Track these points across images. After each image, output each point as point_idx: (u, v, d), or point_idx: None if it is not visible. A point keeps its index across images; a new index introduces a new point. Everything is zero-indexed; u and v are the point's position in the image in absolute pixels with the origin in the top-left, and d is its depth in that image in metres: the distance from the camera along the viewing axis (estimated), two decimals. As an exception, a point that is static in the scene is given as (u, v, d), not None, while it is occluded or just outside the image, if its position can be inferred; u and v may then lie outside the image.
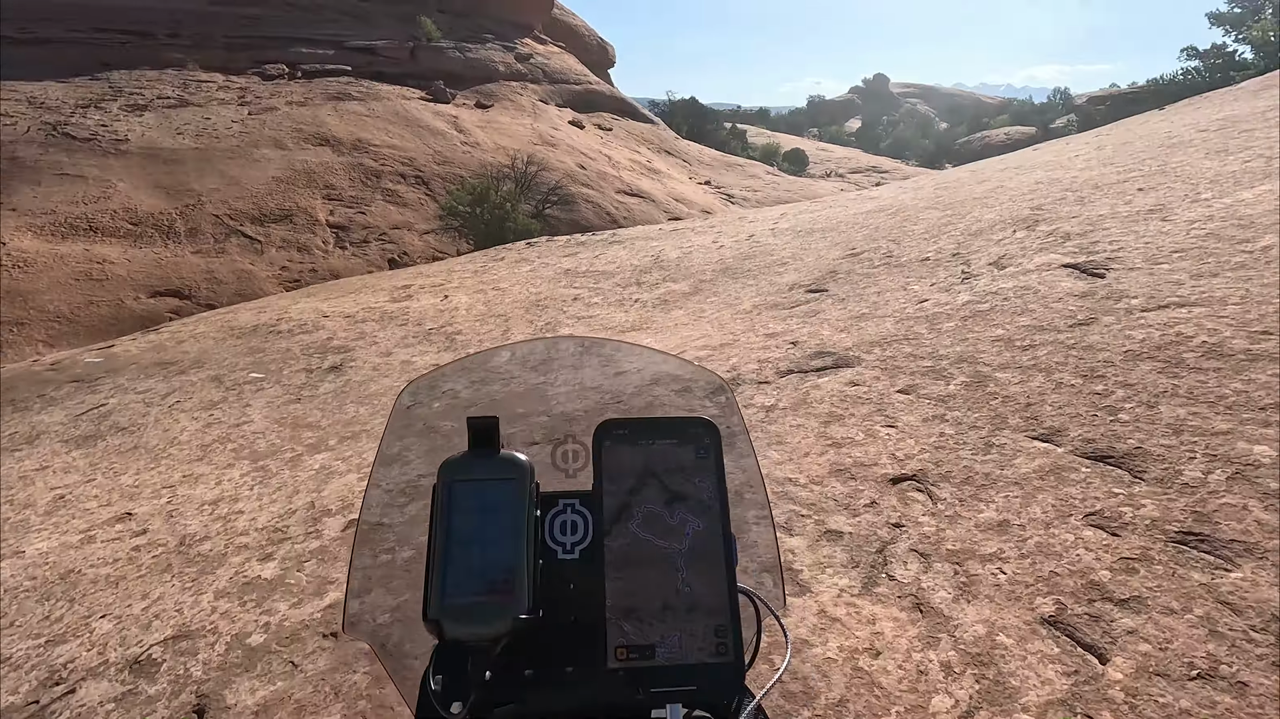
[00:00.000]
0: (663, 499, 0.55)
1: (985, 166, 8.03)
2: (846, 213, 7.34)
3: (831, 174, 40.76)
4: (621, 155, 28.10)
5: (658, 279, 6.55)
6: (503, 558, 0.53)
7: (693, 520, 0.54)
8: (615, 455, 0.56)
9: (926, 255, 4.59)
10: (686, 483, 0.56)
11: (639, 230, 9.59)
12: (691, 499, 0.55)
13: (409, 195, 19.53)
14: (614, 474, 0.55)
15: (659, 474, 0.56)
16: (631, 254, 7.86)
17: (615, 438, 0.56)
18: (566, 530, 0.60)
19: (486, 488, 0.55)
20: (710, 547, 0.54)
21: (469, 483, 0.55)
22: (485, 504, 0.54)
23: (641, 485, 0.55)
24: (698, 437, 0.57)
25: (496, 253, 10.22)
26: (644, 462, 0.56)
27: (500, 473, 0.56)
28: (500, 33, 34.19)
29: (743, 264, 6.34)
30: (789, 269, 5.66)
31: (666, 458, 0.56)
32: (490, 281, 7.92)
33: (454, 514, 0.54)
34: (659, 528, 0.54)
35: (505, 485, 0.55)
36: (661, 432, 0.57)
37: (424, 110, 24.75)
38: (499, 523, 0.54)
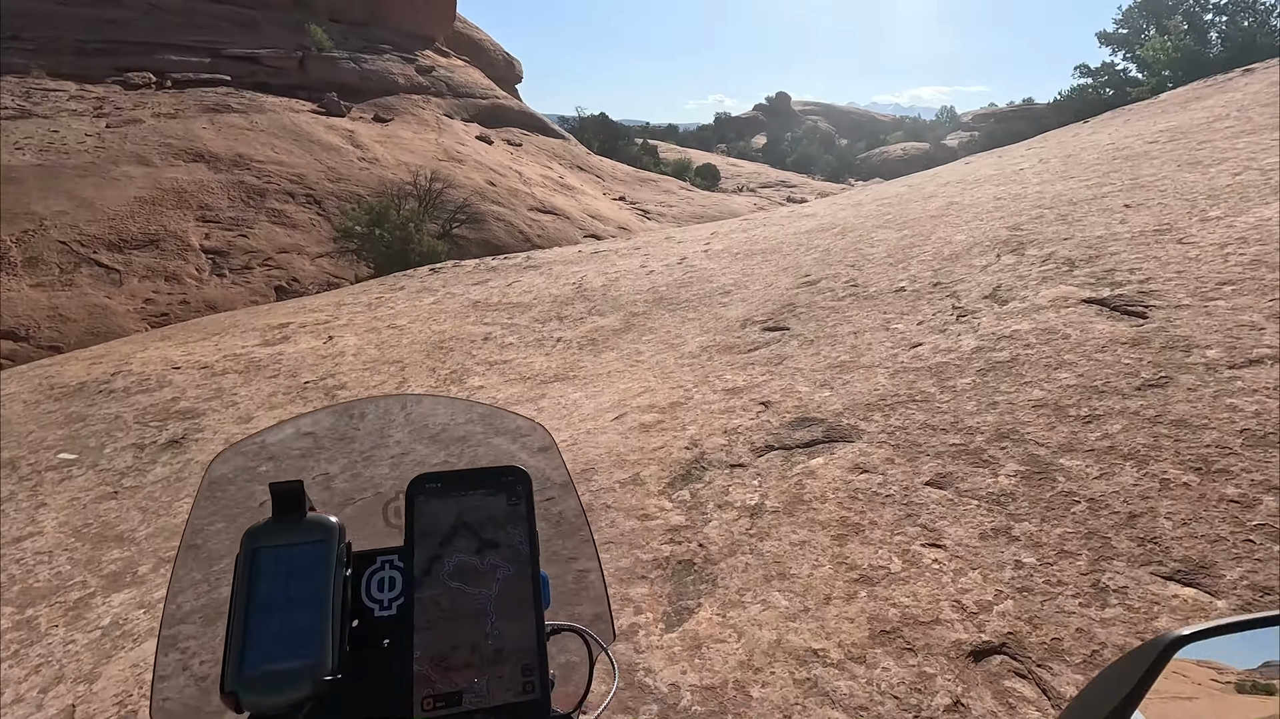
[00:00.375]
0: (474, 548, 0.55)
1: (922, 181, 7.66)
2: (785, 232, 6.72)
3: (743, 189, 41.14)
4: (533, 171, 27.11)
5: (582, 312, 5.67)
6: (304, 621, 0.51)
7: (504, 566, 0.55)
8: (428, 509, 0.56)
9: (900, 285, 3.94)
10: (498, 531, 0.56)
11: (557, 253, 8.69)
12: (503, 546, 0.56)
13: (299, 216, 17.82)
14: (426, 528, 0.56)
15: (471, 524, 0.56)
16: (550, 281, 6.95)
17: (428, 492, 0.57)
18: (384, 587, 0.58)
19: (291, 552, 0.54)
20: (520, 591, 0.55)
21: (272, 549, 0.54)
22: (290, 569, 0.53)
23: (453, 536, 0.55)
24: (510, 485, 0.58)
25: (395, 281, 9.05)
26: (456, 513, 0.56)
27: (306, 537, 0.55)
28: (399, 44, 32.56)
29: (678, 293, 5.56)
30: (734, 300, 4.92)
31: (479, 508, 0.57)
32: (386, 317, 6.82)
33: (255, 582, 0.52)
34: (470, 577, 0.54)
35: (311, 549, 0.54)
36: (474, 482, 0.58)
37: (315, 124, 22.94)
38: (303, 587, 0.52)
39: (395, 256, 15.21)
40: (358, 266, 16.44)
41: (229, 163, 18.67)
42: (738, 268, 5.82)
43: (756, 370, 3.44)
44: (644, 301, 5.56)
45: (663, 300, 5.49)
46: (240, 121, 21.11)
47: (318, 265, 16.62)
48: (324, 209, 18.42)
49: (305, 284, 16.02)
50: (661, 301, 5.47)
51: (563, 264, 7.73)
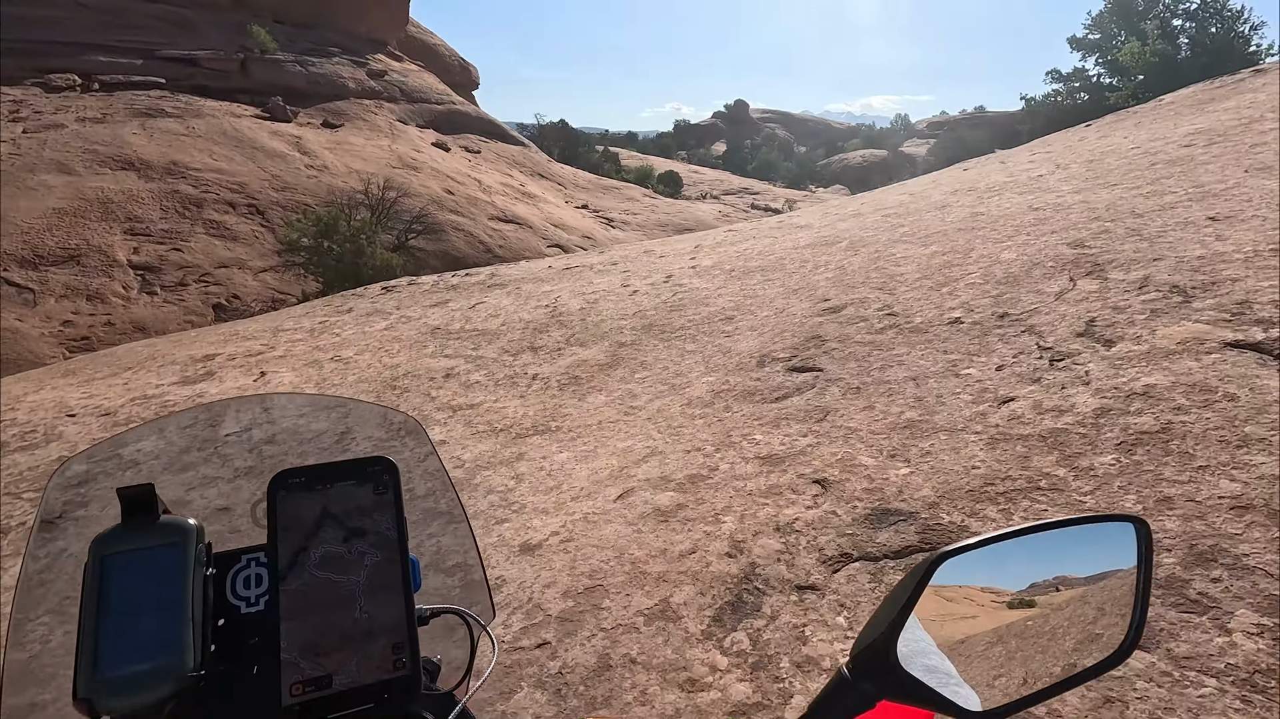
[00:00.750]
0: (341, 537, 0.55)
1: (923, 189, 7.09)
2: (780, 246, 6.05)
3: (707, 196, 40.78)
4: (493, 179, 26.16)
5: (559, 341, 4.90)
6: (162, 623, 0.50)
7: (371, 553, 0.55)
8: (291, 504, 0.56)
9: (953, 315, 3.28)
10: (365, 519, 0.56)
11: (525, 269, 7.88)
12: (370, 533, 0.56)
13: (240, 227, 16.60)
14: (289, 522, 0.55)
15: (337, 515, 0.56)
16: (520, 303, 6.15)
17: (290, 487, 0.56)
18: (250, 584, 0.59)
19: (144, 556, 0.52)
20: (389, 575, 0.55)
21: (123, 554, 0.52)
22: (144, 573, 0.52)
23: (319, 528, 0.55)
24: (377, 474, 0.58)
25: (343, 302, 8.12)
26: (322, 505, 0.56)
27: (160, 539, 0.53)
28: (349, 47, 31.28)
29: (671, 318, 4.83)
30: (741, 328, 4.21)
31: (345, 499, 0.57)
32: (330, 347, 5.93)
33: (106, 588, 0.51)
34: (337, 565, 0.54)
35: (166, 551, 0.53)
36: (340, 474, 0.57)
37: (259, 129, 21.64)
38: (159, 589, 0.51)
39: (346, 271, 14.15)
40: (305, 282, 15.31)
41: (162, 171, 17.32)
42: (735, 288, 5.12)
43: (794, 429, 2.72)
44: (631, 329, 4.82)
45: (653, 327, 4.75)
46: (175, 126, 19.72)
47: (261, 281, 15.44)
48: (268, 220, 17.21)
49: (247, 301, 14.83)
50: (652, 329, 4.73)
51: (532, 282, 6.94)
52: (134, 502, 0.54)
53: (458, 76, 42.67)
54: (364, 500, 0.57)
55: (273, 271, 15.60)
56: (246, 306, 14.76)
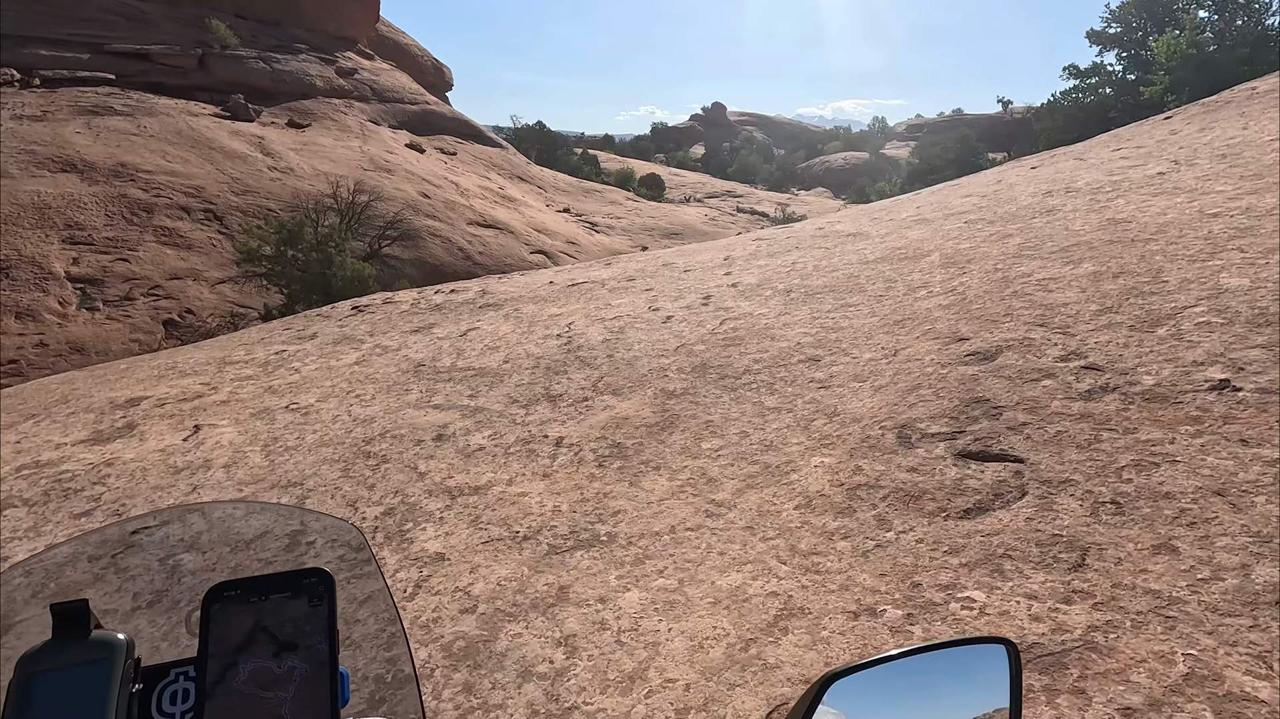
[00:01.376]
0: (271, 652, 0.54)
1: (990, 188, 6.05)
2: (842, 259, 5.01)
3: (691, 199, 39.84)
4: (470, 182, 24.89)
5: (583, 386, 3.78)
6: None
7: (301, 667, 0.53)
8: (224, 617, 0.54)
9: (1211, 376, 2.23)
10: (297, 632, 0.55)
11: (521, 285, 6.73)
12: (302, 647, 0.54)
13: (195, 235, 15.17)
14: (220, 635, 0.54)
15: (270, 628, 0.55)
16: (523, 330, 5.02)
17: (225, 600, 0.55)
18: (177, 700, 0.59)
19: (72, 675, 0.51)
20: (317, 690, 0.53)
21: (50, 672, 0.51)
22: (68, 692, 0.50)
23: (250, 642, 0.54)
24: (312, 586, 0.56)
25: (306, 324, 6.90)
26: (254, 618, 0.55)
27: (89, 655, 0.52)
28: (317, 45, 29.77)
29: (728, 356, 3.75)
30: (841, 377, 3.14)
31: (278, 611, 0.55)
32: (286, 388, 4.75)
33: (29, 708, 0.49)
34: (265, 680, 0.53)
35: (94, 668, 0.52)
36: (275, 586, 0.56)
37: (218, 129, 20.16)
38: (81, 709, 0.50)
39: (313, 282, 12.85)
40: (268, 294, 13.96)
41: (108, 173, 15.82)
42: (803, 315, 4.05)
43: (1036, 581, 1.64)
44: (678, 370, 3.72)
45: (707, 369, 3.66)
46: (125, 125, 18.18)
47: (218, 293, 14.05)
48: (226, 226, 15.80)
49: (202, 316, 13.45)
50: (706, 371, 3.64)
51: (534, 302, 5.80)
52: (67, 617, 0.53)
53: (431, 77, 41.26)
54: (298, 613, 0.55)
55: (231, 283, 14.21)
56: (202, 322, 13.37)
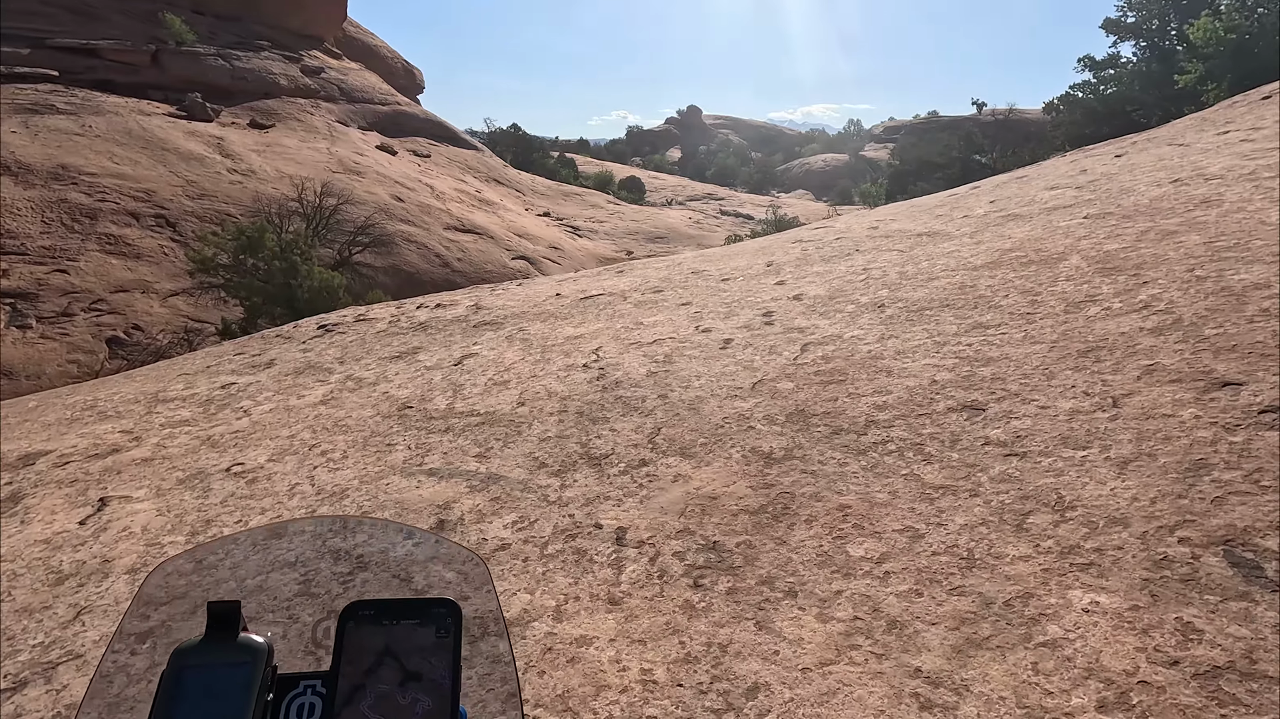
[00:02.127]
0: (397, 679, 0.54)
1: (1095, 179, 5.13)
2: (931, 264, 4.05)
3: (672, 202, 38.95)
4: (446, 185, 23.69)
5: (636, 441, 2.76)
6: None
7: (423, 700, 0.53)
8: (357, 636, 0.55)
9: None
10: (423, 663, 0.55)
11: (522, 298, 5.68)
12: (425, 679, 0.54)
13: (145, 242, 13.83)
14: (353, 655, 0.54)
15: (398, 654, 0.55)
16: (535, 357, 3.98)
17: (360, 618, 0.56)
18: (303, 713, 0.57)
19: (217, 674, 0.53)
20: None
21: (198, 669, 0.53)
22: (212, 691, 0.52)
23: (378, 666, 0.54)
24: (440, 617, 0.56)
25: (263, 347, 5.78)
26: (385, 642, 0.55)
27: (233, 658, 0.54)
28: (280, 43, 28.34)
29: (832, 398, 2.76)
30: (1037, 434, 2.17)
31: (407, 638, 0.55)
32: (229, 440, 3.66)
33: (175, 704, 0.51)
34: (389, 708, 0.53)
35: (237, 670, 0.53)
36: (406, 612, 0.56)
37: (173, 129, 18.75)
38: (222, 710, 0.51)
39: (276, 293, 11.63)
40: (226, 307, 12.68)
41: (46, 176, 14.39)
42: (919, 337, 3.08)
43: None
44: (766, 418, 2.72)
45: (809, 418, 2.67)
46: (68, 125, 16.72)
47: (170, 307, 12.74)
48: (180, 233, 14.47)
49: (152, 333, 12.13)
50: (807, 421, 2.65)
51: (543, 320, 4.76)
52: (220, 617, 0.55)
53: (402, 79, 39.91)
54: (424, 642, 0.55)
55: (185, 295, 12.91)
56: (151, 339, 12.06)
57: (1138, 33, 18.09)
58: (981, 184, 6.29)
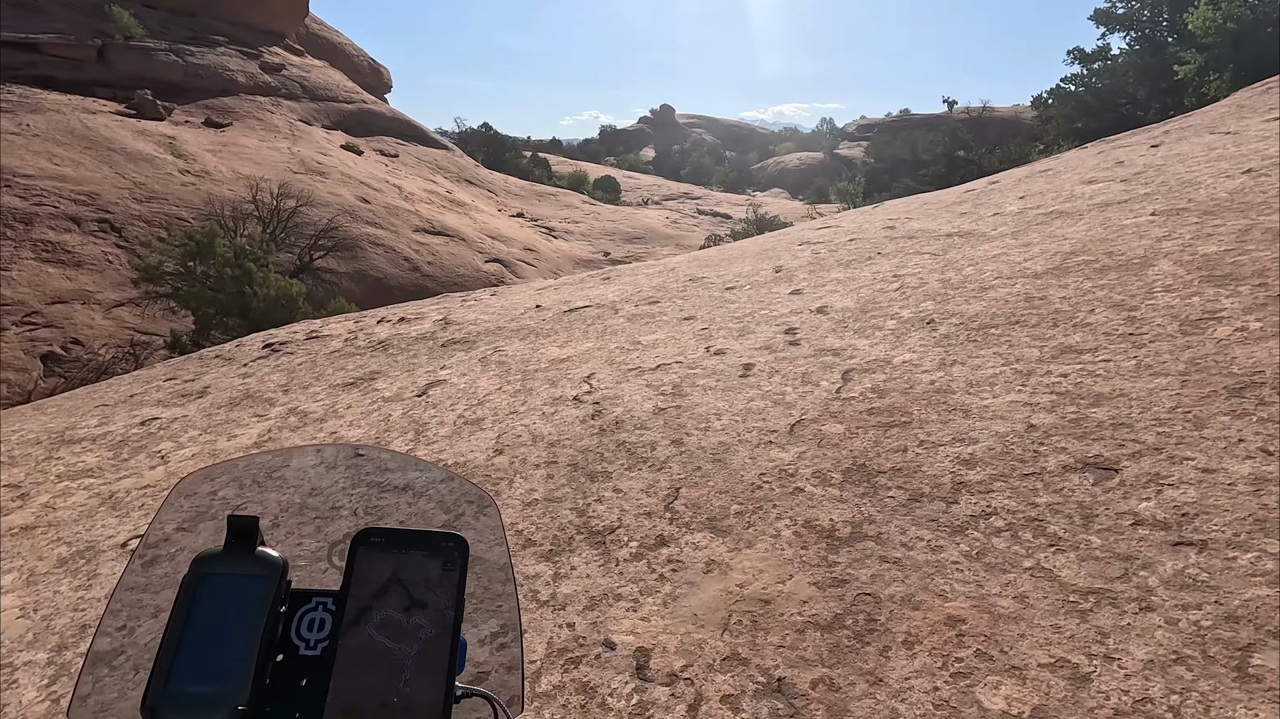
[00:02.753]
0: (403, 605, 0.56)
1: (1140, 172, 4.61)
2: (981, 270, 3.49)
3: (648, 202, 38.31)
4: (415, 185, 22.81)
5: (648, 508, 2.13)
6: (232, 651, 0.53)
7: (426, 627, 0.55)
8: (368, 561, 0.57)
9: None
10: (429, 592, 0.56)
11: (496, 308, 5.01)
12: (430, 608, 0.56)
13: (86, 249, 12.84)
14: (362, 578, 0.56)
15: (404, 582, 0.56)
16: (514, 387, 3.33)
17: (370, 544, 0.57)
18: (314, 627, 0.59)
19: (234, 583, 0.55)
20: (437, 652, 0.55)
21: (217, 576, 0.55)
22: (229, 599, 0.54)
23: (386, 591, 0.56)
24: (448, 550, 0.58)
25: (199, 369, 5.05)
26: (393, 569, 0.57)
27: (251, 569, 0.56)
28: (238, 38, 27.14)
29: (898, 448, 2.16)
30: (1203, 508, 1.60)
31: (415, 567, 0.57)
32: (135, 499, 2.97)
33: (195, 607, 0.54)
34: (394, 631, 0.55)
35: (253, 581, 0.55)
36: (415, 543, 0.58)
37: (120, 128, 17.65)
38: (237, 617, 0.54)
39: (228, 303, 10.77)
40: (177, 317, 11.78)
41: (-24, 178, 13.31)
42: (991, 363, 2.50)
43: None
44: (816, 474, 2.12)
45: (872, 475, 2.07)
46: (2, 124, 15.58)
47: (114, 319, 11.80)
48: (126, 238, 13.49)
49: (93, 347, 11.19)
50: (872, 481, 2.05)
51: (523, 337, 4.11)
52: (239, 530, 0.56)
53: (368, 78, 38.76)
54: (431, 573, 0.57)
55: (131, 305, 11.97)
56: (92, 354, 11.12)
57: (1128, 24, 17.85)
58: (1000, 179, 5.78)
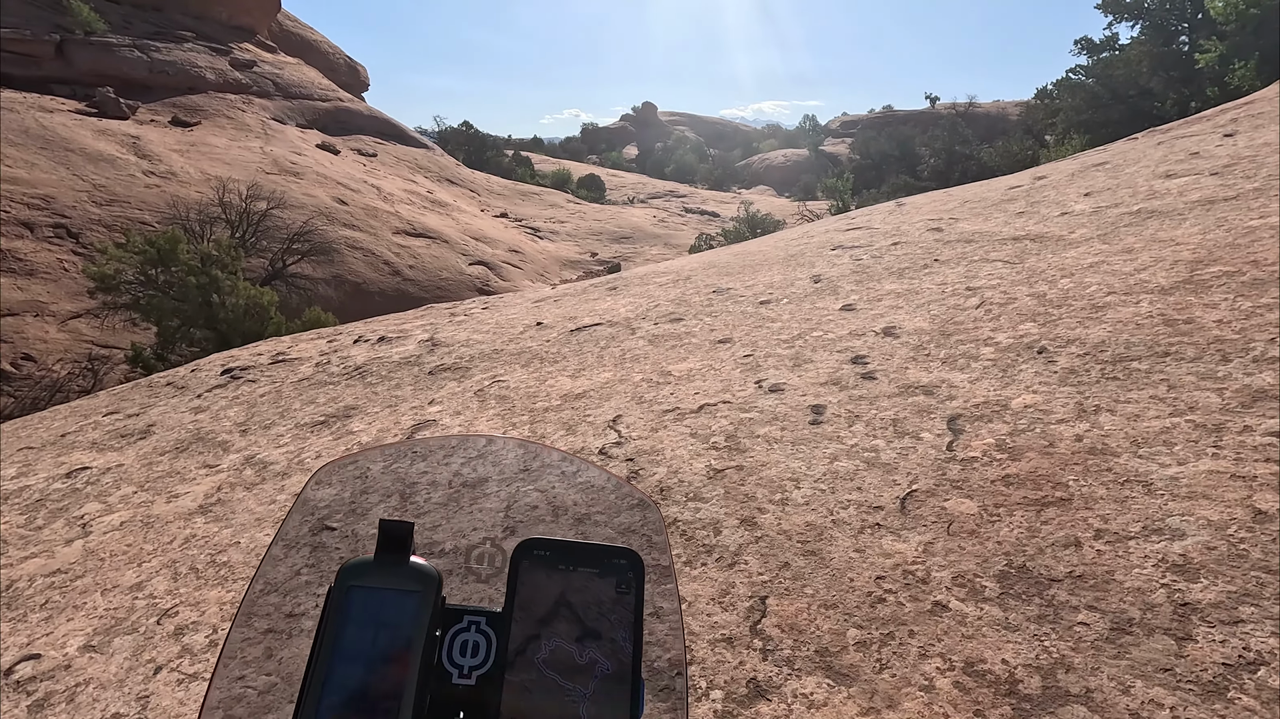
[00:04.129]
0: (574, 634, 0.49)
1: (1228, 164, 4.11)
2: (1086, 284, 2.93)
3: (634, 200, 37.69)
4: (394, 186, 22.01)
5: (727, 631, 1.54)
6: (389, 677, 0.46)
7: (602, 662, 0.48)
8: (532, 578, 0.50)
9: None
10: (602, 619, 0.49)
11: (490, 324, 4.38)
12: (604, 639, 0.49)
13: (40, 257, 11.98)
14: (527, 599, 0.49)
15: (574, 605, 0.49)
16: (519, 433, 2.73)
17: (534, 558, 0.50)
18: (466, 651, 0.51)
19: (386, 598, 0.48)
20: (616, 695, 0.47)
21: (368, 590, 0.48)
22: (381, 616, 0.48)
23: (553, 616, 0.49)
24: (621, 569, 0.50)
25: (147, 399, 4.38)
26: (560, 589, 0.50)
27: (404, 583, 0.49)
28: (206, 34, 26.13)
29: (1056, 541, 1.60)
30: None
31: (585, 588, 0.50)
32: (45, 586, 2.33)
33: (345, 624, 0.47)
34: (565, 666, 0.48)
35: (407, 598, 0.49)
36: (583, 558, 0.51)
37: (79, 128, 16.72)
38: (392, 638, 0.47)
39: (192, 313, 10.01)
40: (139, 329, 10.97)
41: (-81, 181, 12.39)
42: (1155, 410, 1.92)
43: None
44: (956, 579, 1.53)
45: (1040, 584, 1.47)
46: (-51, 123, 14.62)
47: (70, 331, 10.97)
48: (84, 244, 12.63)
49: (46, 362, 10.37)
50: (1040, 590, 1.46)
51: (524, 364, 3.49)
52: (392, 538, 0.50)
53: (344, 76, 37.76)
54: (604, 596, 0.49)
55: (89, 317, 11.16)
56: (45, 370, 10.30)
57: (1137, 12, 17.41)
58: (1046, 173, 5.22)
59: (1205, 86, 13.50)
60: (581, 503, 0.78)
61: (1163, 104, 14.27)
